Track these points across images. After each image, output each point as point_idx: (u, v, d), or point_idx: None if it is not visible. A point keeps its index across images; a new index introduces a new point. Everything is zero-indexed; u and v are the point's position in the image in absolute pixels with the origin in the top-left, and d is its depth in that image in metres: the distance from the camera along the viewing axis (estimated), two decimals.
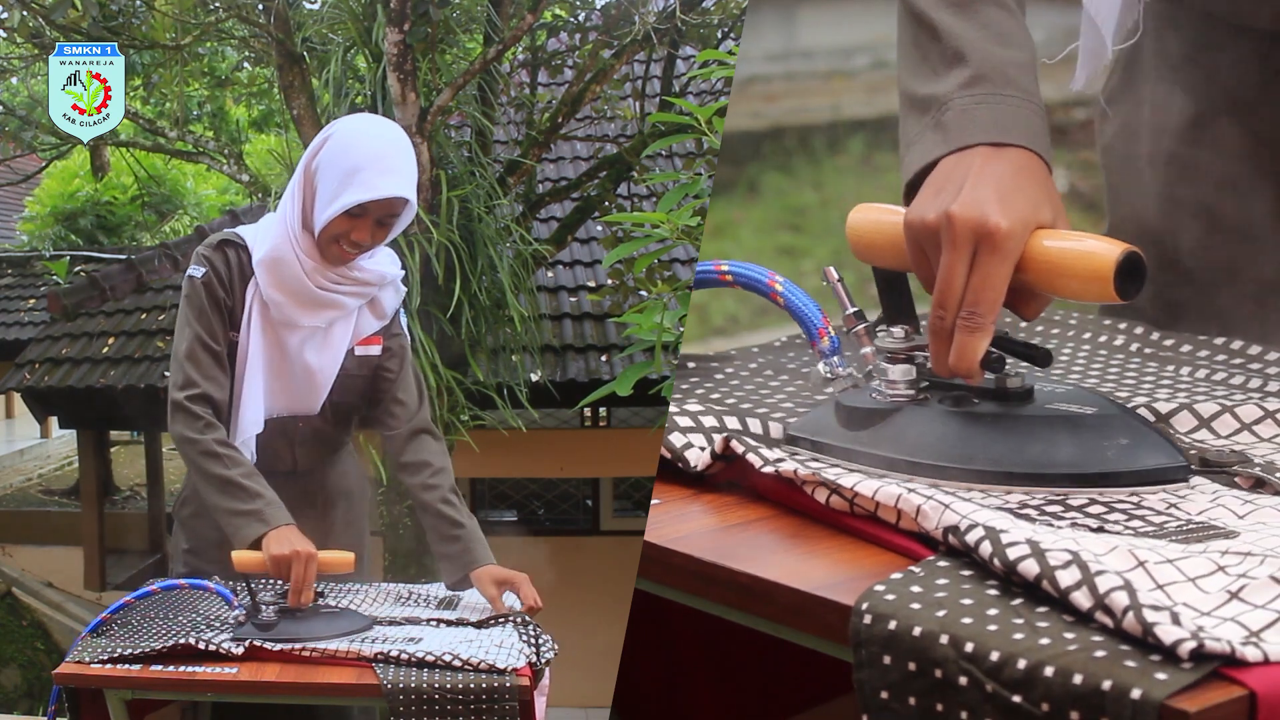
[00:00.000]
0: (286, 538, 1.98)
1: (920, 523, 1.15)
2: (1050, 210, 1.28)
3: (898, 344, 1.36)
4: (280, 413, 2.19)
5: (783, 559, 1.17)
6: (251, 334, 2.14)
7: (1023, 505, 1.20)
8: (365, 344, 2.24)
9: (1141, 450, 1.25)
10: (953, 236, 1.24)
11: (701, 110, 2.99)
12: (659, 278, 4.61)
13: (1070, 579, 0.99)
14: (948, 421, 1.29)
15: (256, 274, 2.14)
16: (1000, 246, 1.23)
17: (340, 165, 2.10)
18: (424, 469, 2.23)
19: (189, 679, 1.85)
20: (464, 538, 2.19)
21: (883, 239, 1.36)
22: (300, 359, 2.16)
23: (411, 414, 2.27)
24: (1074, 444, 1.25)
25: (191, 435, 2.08)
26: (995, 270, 1.23)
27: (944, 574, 1.08)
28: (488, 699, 1.82)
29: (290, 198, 2.16)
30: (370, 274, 2.20)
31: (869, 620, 1.03)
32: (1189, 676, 0.90)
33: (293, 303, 2.14)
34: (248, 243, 2.17)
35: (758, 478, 1.28)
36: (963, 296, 1.24)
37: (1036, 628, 0.98)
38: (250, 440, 2.16)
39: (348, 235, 2.12)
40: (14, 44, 6.09)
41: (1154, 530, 1.14)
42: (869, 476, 1.24)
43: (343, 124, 2.19)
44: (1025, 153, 1.30)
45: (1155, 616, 0.94)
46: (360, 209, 2.09)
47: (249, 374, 2.13)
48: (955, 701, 0.97)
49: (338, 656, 1.89)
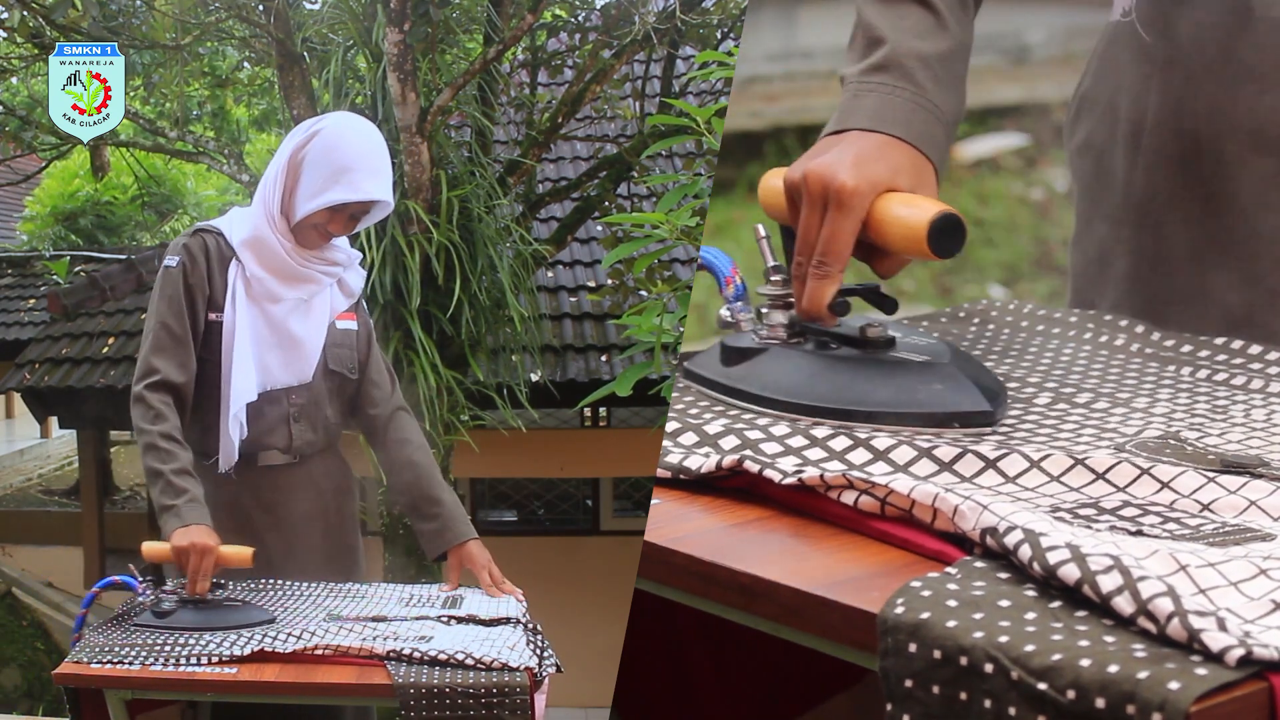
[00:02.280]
0: (189, 533, 2.08)
1: (957, 523, 1.13)
2: (908, 181, 1.42)
3: (776, 290, 1.51)
4: (275, 385, 2.30)
5: (783, 558, 1.17)
6: (237, 310, 2.25)
7: (1056, 508, 1.19)
8: (343, 318, 2.38)
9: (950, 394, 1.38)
10: (808, 192, 1.41)
11: (700, 111, 2.99)
12: (659, 278, 4.61)
13: (1112, 584, 0.98)
14: (805, 361, 1.44)
15: (239, 254, 2.27)
16: (845, 203, 1.38)
17: (328, 162, 2.24)
18: (405, 445, 2.39)
19: (189, 679, 1.86)
20: (443, 515, 2.32)
21: (776, 197, 1.51)
22: (286, 330, 2.29)
23: (387, 394, 2.41)
24: (894, 386, 1.39)
25: (142, 426, 2.19)
26: (840, 224, 1.39)
27: (981, 575, 1.06)
28: (499, 696, 1.83)
29: (272, 184, 2.28)
30: (339, 253, 2.36)
31: (901, 610, 1.02)
32: (1232, 674, 0.89)
33: (275, 278, 2.27)
34: (222, 230, 2.30)
35: (772, 488, 1.27)
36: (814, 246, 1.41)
37: (1075, 630, 0.96)
38: (241, 412, 2.25)
39: (324, 226, 2.28)
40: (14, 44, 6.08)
41: (1190, 533, 1.13)
42: (904, 475, 1.24)
43: (330, 121, 2.32)
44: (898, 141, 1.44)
45: (1201, 623, 0.92)
46: (341, 205, 2.26)
47: (237, 346, 2.24)
48: (980, 690, 0.96)
49: (349, 654, 1.90)
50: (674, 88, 6.59)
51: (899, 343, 1.45)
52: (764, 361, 1.46)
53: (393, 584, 2.30)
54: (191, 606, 2.04)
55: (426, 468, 2.38)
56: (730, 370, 1.47)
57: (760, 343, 1.49)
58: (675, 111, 3.17)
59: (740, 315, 1.56)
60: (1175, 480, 1.24)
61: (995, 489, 1.25)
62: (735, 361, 1.48)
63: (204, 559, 2.06)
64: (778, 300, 1.50)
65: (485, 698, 1.82)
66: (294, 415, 2.31)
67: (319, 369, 2.33)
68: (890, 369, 1.41)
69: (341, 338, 2.37)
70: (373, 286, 4.77)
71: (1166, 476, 1.25)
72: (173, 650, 1.88)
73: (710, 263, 1.65)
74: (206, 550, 2.06)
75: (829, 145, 1.45)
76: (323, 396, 2.35)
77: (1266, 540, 1.11)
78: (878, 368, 1.41)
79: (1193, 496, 1.22)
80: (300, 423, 2.32)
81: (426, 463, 2.39)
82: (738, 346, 1.50)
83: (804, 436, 1.37)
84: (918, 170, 1.44)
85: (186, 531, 2.08)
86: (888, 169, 1.41)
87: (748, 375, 1.46)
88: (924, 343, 1.46)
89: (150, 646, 1.89)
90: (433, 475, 2.38)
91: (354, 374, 2.38)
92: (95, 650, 1.88)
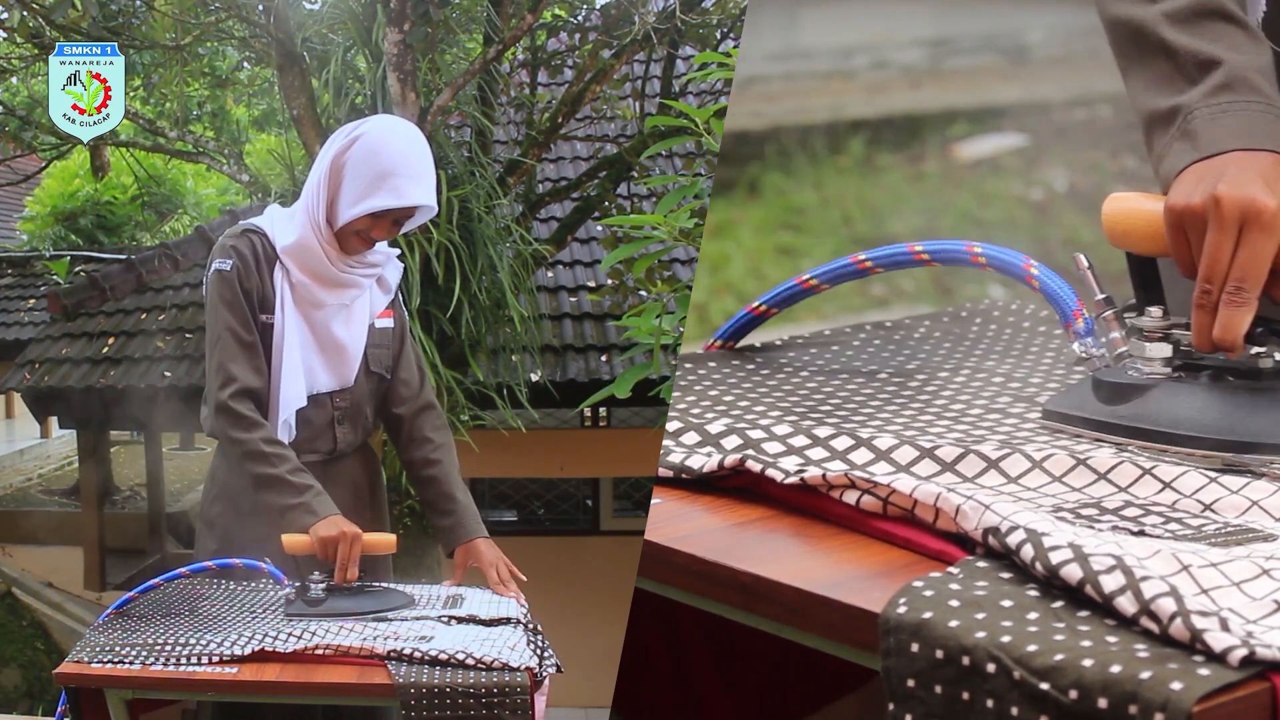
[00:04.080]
0: (334, 522, 2.12)
1: (959, 523, 1.13)
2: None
3: (1154, 323, 1.43)
4: (321, 389, 2.30)
5: (785, 558, 1.17)
6: (286, 315, 2.25)
7: (1058, 508, 1.19)
8: (382, 317, 2.37)
9: None
10: (1220, 216, 1.31)
11: (700, 112, 2.99)
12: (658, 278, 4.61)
13: (1114, 584, 0.98)
14: (1206, 395, 1.37)
15: (284, 260, 2.25)
16: (1269, 224, 1.30)
17: (371, 167, 2.21)
18: (427, 444, 2.39)
19: (189, 679, 1.85)
20: (457, 512, 2.35)
21: (1140, 225, 1.42)
22: (330, 335, 2.28)
23: (416, 391, 2.41)
24: None
25: (237, 436, 2.18)
26: (1262, 246, 1.31)
27: (983, 575, 1.06)
28: (499, 696, 1.82)
29: (315, 191, 2.26)
30: (377, 255, 2.34)
31: (903, 610, 1.02)
32: (1234, 675, 0.89)
33: (319, 285, 2.26)
34: (266, 230, 2.27)
35: (774, 488, 1.27)
36: (1228, 273, 1.31)
37: (1078, 630, 0.96)
38: (291, 417, 2.25)
39: (368, 231, 2.25)
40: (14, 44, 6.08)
41: (1192, 533, 1.13)
42: (906, 475, 1.23)
43: (371, 125, 2.28)
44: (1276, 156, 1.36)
45: (1204, 623, 0.92)
46: (384, 210, 2.22)
47: (286, 351, 2.24)
48: (982, 689, 0.96)
49: (350, 654, 1.90)
50: (674, 88, 6.59)
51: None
52: (1159, 398, 1.39)
53: (394, 584, 2.30)
54: (342, 593, 2.08)
55: (446, 467, 2.39)
56: (1117, 408, 1.41)
57: (1144, 378, 1.42)
58: (674, 113, 3.16)
59: (1094, 352, 1.49)
60: (1177, 480, 1.24)
61: (997, 489, 1.25)
62: (1118, 400, 1.42)
63: (353, 547, 2.10)
64: (1156, 332, 1.43)
65: (485, 697, 1.82)
66: (338, 418, 2.33)
67: (360, 371, 2.33)
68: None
69: (380, 338, 2.36)
70: None
71: (1168, 477, 1.25)
72: (173, 650, 1.88)
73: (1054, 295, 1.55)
74: (355, 537, 2.10)
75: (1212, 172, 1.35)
76: (364, 398, 2.35)
77: (1269, 540, 1.11)
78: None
79: (1195, 496, 1.22)
80: (344, 425, 2.34)
81: (447, 461, 2.40)
82: (1120, 383, 1.43)
83: (806, 436, 1.37)
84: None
85: (333, 521, 2.11)
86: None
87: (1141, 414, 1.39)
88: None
89: (150, 646, 1.89)
90: (451, 475, 2.39)
91: (389, 374, 2.39)
92: (95, 650, 1.88)
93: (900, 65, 4.57)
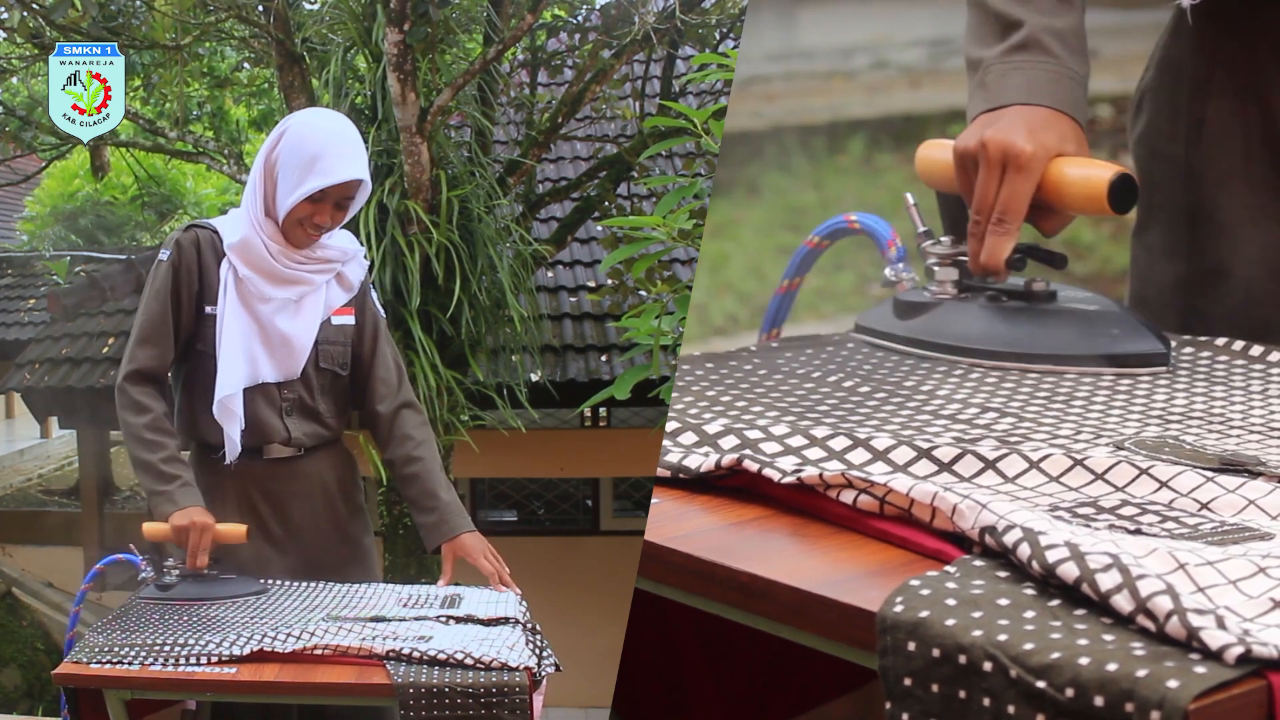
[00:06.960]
0: (188, 513, 2.21)
1: (956, 522, 1.13)
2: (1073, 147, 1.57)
3: (944, 250, 1.65)
4: (266, 379, 2.35)
5: (782, 557, 1.17)
6: (228, 305, 2.31)
7: (1055, 507, 1.19)
8: (340, 314, 2.41)
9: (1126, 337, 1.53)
10: (986, 157, 1.57)
11: (699, 113, 2.99)
12: (658, 279, 4.61)
13: (1111, 582, 0.98)
14: (981, 313, 1.59)
15: (229, 256, 2.32)
16: (1024, 166, 1.55)
17: (300, 154, 2.28)
18: (406, 442, 2.42)
19: (189, 679, 1.85)
20: (440, 509, 2.37)
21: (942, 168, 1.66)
22: (275, 327, 2.33)
23: (393, 390, 2.45)
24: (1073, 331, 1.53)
25: (125, 418, 2.29)
26: (1020, 184, 1.55)
27: (980, 574, 1.06)
28: (498, 695, 1.83)
29: (252, 189, 2.34)
30: (332, 250, 2.38)
31: (900, 608, 1.02)
32: (1230, 673, 0.89)
33: (263, 279, 2.32)
34: (217, 228, 2.35)
35: (771, 488, 1.27)
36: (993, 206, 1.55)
37: (1074, 629, 0.96)
38: (230, 400, 2.30)
39: (310, 219, 2.30)
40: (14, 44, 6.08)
41: (1189, 532, 1.13)
42: (902, 474, 1.24)
43: (296, 118, 2.37)
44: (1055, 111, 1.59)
45: (1200, 621, 0.92)
46: (321, 194, 2.28)
47: (226, 338, 2.30)
48: (978, 688, 0.96)
49: (349, 654, 1.90)
50: (673, 88, 6.59)
51: (1060, 295, 1.59)
52: (940, 315, 1.60)
53: (391, 584, 2.30)
54: (192, 580, 2.18)
55: (429, 464, 2.41)
56: (907, 323, 1.61)
57: (933, 298, 1.62)
58: (674, 113, 3.17)
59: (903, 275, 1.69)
60: (1174, 479, 1.24)
61: (994, 489, 1.25)
62: (910, 316, 1.62)
63: (203, 535, 2.19)
64: (946, 258, 1.64)
65: (484, 697, 1.83)
66: (286, 409, 2.36)
67: (309, 365, 2.37)
68: (1066, 317, 1.55)
69: (335, 334, 2.40)
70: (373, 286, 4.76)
71: (1165, 475, 1.25)
72: (173, 650, 1.88)
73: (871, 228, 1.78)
74: (205, 527, 2.19)
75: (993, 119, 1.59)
76: (315, 392, 2.38)
77: (1265, 539, 1.12)
78: (1054, 316, 1.55)
79: (1191, 495, 1.22)
80: (293, 416, 2.37)
81: (429, 458, 2.42)
82: (911, 301, 1.63)
83: (803, 436, 1.37)
84: (1078, 137, 1.60)
85: (185, 512, 2.20)
86: (1056, 136, 1.57)
87: (926, 328, 1.60)
88: (1086, 295, 1.59)
89: (150, 646, 1.89)
90: (433, 473, 2.41)
91: (345, 370, 2.41)
92: (95, 650, 1.88)
93: (900, 65, 4.57)
